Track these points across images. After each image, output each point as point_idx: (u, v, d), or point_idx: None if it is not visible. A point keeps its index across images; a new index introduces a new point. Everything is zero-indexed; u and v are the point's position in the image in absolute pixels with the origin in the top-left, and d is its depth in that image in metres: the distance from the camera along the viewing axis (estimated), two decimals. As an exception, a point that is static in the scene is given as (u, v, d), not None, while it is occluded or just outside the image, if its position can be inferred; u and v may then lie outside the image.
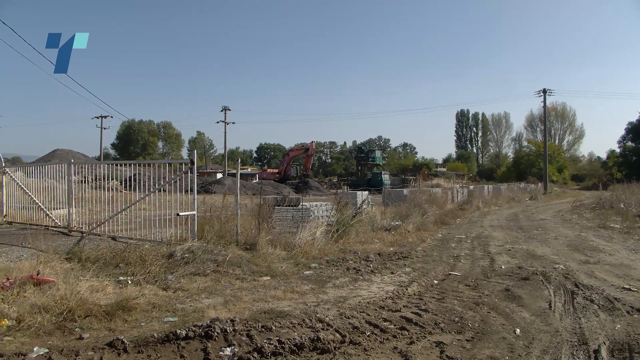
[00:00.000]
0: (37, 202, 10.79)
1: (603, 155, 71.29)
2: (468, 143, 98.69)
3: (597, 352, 3.88)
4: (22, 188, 11.26)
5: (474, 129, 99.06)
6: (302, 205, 10.02)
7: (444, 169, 76.19)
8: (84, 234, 8.69)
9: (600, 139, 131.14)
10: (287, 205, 9.99)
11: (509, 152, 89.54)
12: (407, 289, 5.93)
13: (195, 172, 8.14)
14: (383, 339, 4.04)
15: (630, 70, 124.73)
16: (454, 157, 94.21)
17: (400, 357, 3.69)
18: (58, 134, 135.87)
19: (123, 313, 4.46)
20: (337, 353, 3.71)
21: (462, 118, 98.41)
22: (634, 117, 57.33)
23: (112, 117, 60.12)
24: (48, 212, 10.53)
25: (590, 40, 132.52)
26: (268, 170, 58.11)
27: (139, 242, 7.63)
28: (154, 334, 3.91)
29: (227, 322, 4.14)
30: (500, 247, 10.01)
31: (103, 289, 4.97)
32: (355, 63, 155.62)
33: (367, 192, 14.36)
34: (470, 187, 30.35)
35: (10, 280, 4.83)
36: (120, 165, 11.95)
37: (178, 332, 3.88)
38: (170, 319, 4.48)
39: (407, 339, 4.07)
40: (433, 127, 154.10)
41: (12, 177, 11.64)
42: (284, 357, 3.61)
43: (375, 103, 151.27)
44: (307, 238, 8.43)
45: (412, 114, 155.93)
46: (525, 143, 75.69)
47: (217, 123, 54.19)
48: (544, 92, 44.73)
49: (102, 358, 3.47)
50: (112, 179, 9.90)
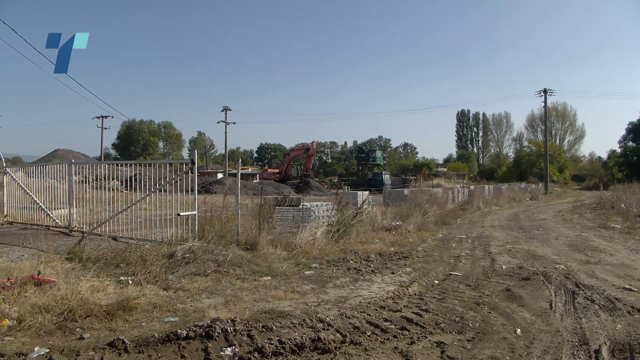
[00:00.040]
0: (38, 202, 10.80)
1: (604, 155, 71.43)
2: (469, 143, 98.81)
3: (597, 352, 3.87)
4: (23, 188, 11.27)
5: (475, 129, 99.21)
6: (302, 205, 10.01)
7: (445, 169, 76.32)
8: (85, 234, 8.71)
9: (601, 139, 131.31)
10: (287, 205, 9.99)
11: (510, 152, 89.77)
12: (407, 289, 5.93)
13: (196, 172, 8.15)
14: (384, 339, 4.04)
15: (631, 70, 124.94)
16: (455, 157, 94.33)
17: (401, 357, 3.69)
18: (59, 134, 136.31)
19: (124, 313, 4.47)
20: (337, 353, 3.71)
21: (462, 118, 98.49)
22: (635, 117, 57.49)
23: (112, 117, 60.11)
24: (49, 212, 10.54)
25: (591, 40, 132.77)
26: (269, 170, 58.10)
27: (140, 242, 7.64)
28: (155, 334, 3.92)
29: (227, 322, 4.14)
30: (501, 247, 10.01)
31: (104, 289, 4.98)
32: (356, 63, 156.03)
33: (367, 192, 14.33)
34: (471, 187, 30.37)
35: (11, 280, 4.83)
36: (121, 166, 11.94)
37: (179, 332, 3.88)
38: (171, 319, 4.48)
39: (407, 339, 4.07)
40: (433, 127, 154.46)
41: (13, 177, 11.65)
42: (285, 357, 3.61)
43: (376, 103, 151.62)
44: (307, 238, 8.42)
45: (412, 114, 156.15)
46: (526, 143, 75.79)
47: (217, 123, 54.14)
48: (545, 92, 44.74)
49: (103, 358, 3.47)
50: (112, 179, 9.93)
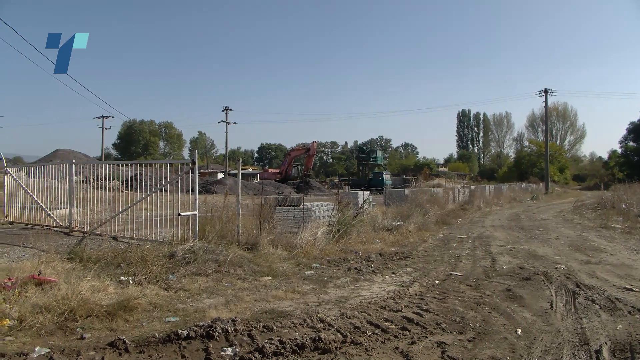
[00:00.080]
0: (38, 202, 10.81)
1: (604, 155, 71.42)
2: (469, 143, 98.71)
3: (598, 352, 3.87)
4: (23, 188, 11.28)
5: (475, 129, 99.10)
6: (303, 205, 10.02)
7: (445, 169, 76.26)
8: (86, 234, 8.71)
9: (602, 139, 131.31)
10: (288, 206, 9.99)
11: (511, 152, 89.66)
12: (408, 289, 5.93)
13: (197, 172, 8.15)
14: (384, 339, 4.04)
15: (631, 70, 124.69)
16: (455, 157, 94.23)
17: (402, 357, 3.69)
18: (59, 134, 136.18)
19: (124, 313, 4.47)
20: (338, 353, 3.71)
21: (463, 118, 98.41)
22: (635, 117, 57.57)
23: (113, 117, 59.79)
24: (49, 212, 10.55)
25: (591, 40, 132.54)
26: (269, 170, 58.07)
27: (141, 242, 7.63)
28: (156, 334, 3.92)
29: (228, 322, 4.14)
30: (502, 247, 10.00)
31: (104, 289, 4.98)
32: (356, 63, 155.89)
33: (368, 192, 14.34)
34: (472, 187, 30.35)
35: (12, 280, 4.83)
36: (122, 165, 11.93)
37: (179, 332, 3.88)
38: (172, 319, 4.48)
39: (408, 339, 4.07)
40: (434, 127, 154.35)
41: (13, 177, 11.66)
42: (285, 357, 3.61)
43: (376, 103, 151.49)
44: (308, 238, 8.43)
45: (413, 114, 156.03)
46: (527, 143, 75.70)
47: (218, 123, 54.14)
48: (545, 92, 44.71)
49: (103, 358, 3.47)
50: (113, 179, 9.93)
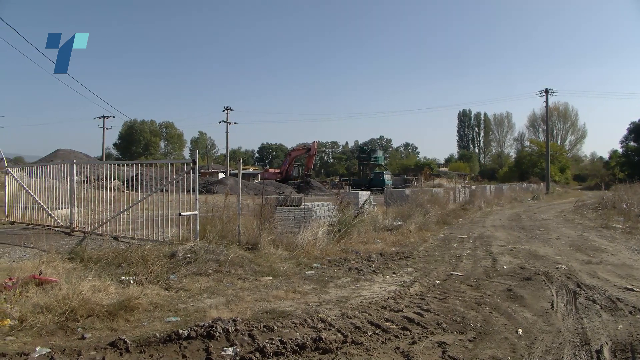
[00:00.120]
0: (39, 202, 10.82)
1: (605, 155, 71.36)
2: (470, 143, 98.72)
3: (599, 352, 3.87)
4: (24, 188, 11.29)
5: (476, 129, 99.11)
6: (304, 205, 10.02)
7: (446, 169, 76.23)
8: (86, 234, 8.73)
9: (603, 139, 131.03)
10: (289, 205, 9.99)
11: (511, 152, 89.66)
12: (409, 289, 5.93)
13: (197, 172, 8.15)
14: (385, 339, 4.04)
15: (632, 70, 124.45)
16: (456, 157, 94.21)
17: (402, 357, 3.69)
18: (60, 134, 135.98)
19: (125, 313, 4.47)
20: (339, 353, 3.71)
21: (464, 118, 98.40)
22: (636, 117, 57.78)
23: (114, 117, 60.19)
24: (50, 212, 10.55)
25: (591, 40, 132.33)
26: (270, 170, 58.10)
27: (141, 242, 7.64)
28: (156, 334, 3.92)
29: (229, 322, 4.14)
30: (503, 247, 9.99)
31: (105, 289, 4.98)
32: (356, 63, 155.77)
33: (369, 192, 14.33)
34: (472, 187, 30.36)
35: (13, 280, 4.84)
36: (122, 165, 11.93)
37: (180, 332, 3.88)
38: (172, 319, 4.48)
39: (409, 339, 4.07)
40: (435, 127, 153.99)
41: (14, 177, 11.67)
42: (286, 357, 3.61)
43: (376, 103, 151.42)
44: (309, 238, 8.43)
45: (413, 114, 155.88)
46: (528, 143, 75.64)
47: (219, 123, 54.15)
48: (546, 92, 44.70)
49: (104, 358, 3.47)
50: (114, 179, 9.93)
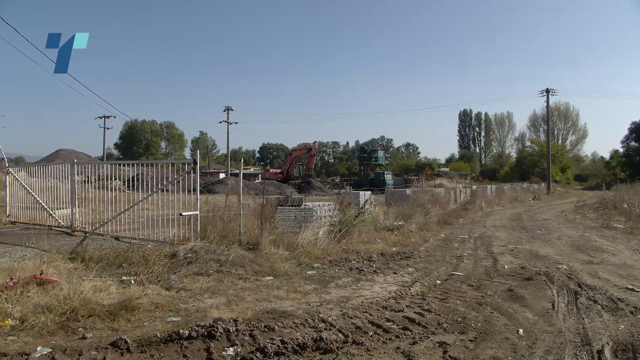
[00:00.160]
0: (40, 202, 10.83)
1: (606, 155, 71.31)
2: (471, 143, 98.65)
3: (600, 352, 3.86)
4: (25, 188, 11.31)
5: (477, 129, 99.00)
6: (304, 205, 10.01)
7: (447, 169, 76.23)
8: (87, 234, 8.73)
9: (604, 139, 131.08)
10: (289, 205, 9.99)
11: (512, 152, 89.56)
12: (410, 289, 5.93)
13: (198, 172, 8.16)
14: (386, 339, 4.04)
15: (633, 70, 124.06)
16: (457, 157, 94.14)
17: (403, 357, 3.69)
18: (61, 134, 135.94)
19: (126, 313, 4.47)
20: (339, 353, 3.71)
21: (464, 118, 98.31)
22: (637, 117, 57.65)
23: (115, 117, 60.04)
24: (51, 212, 10.57)
25: (592, 41, 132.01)
26: (271, 170, 58.06)
27: (142, 242, 7.65)
28: (157, 334, 3.92)
29: (229, 322, 4.14)
30: (503, 247, 9.99)
31: (106, 289, 4.99)
32: (356, 63, 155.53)
33: (369, 192, 14.33)
34: (473, 187, 30.36)
35: (14, 280, 4.85)
36: (123, 165, 11.95)
37: (181, 331, 3.88)
38: (173, 319, 4.48)
39: (410, 339, 4.06)
40: (435, 127, 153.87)
41: (15, 177, 11.69)
42: (287, 357, 3.61)
43: (377, 103, 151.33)
44: (309, 238, 8.43)
45: (414, 114, 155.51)
46: (528, 143, 75.59)
47: (219, 123, 54.08)
48: (547, 92, 44.64)
49: (105, 358, 3.48)
50: (115, 179, 9.94)
